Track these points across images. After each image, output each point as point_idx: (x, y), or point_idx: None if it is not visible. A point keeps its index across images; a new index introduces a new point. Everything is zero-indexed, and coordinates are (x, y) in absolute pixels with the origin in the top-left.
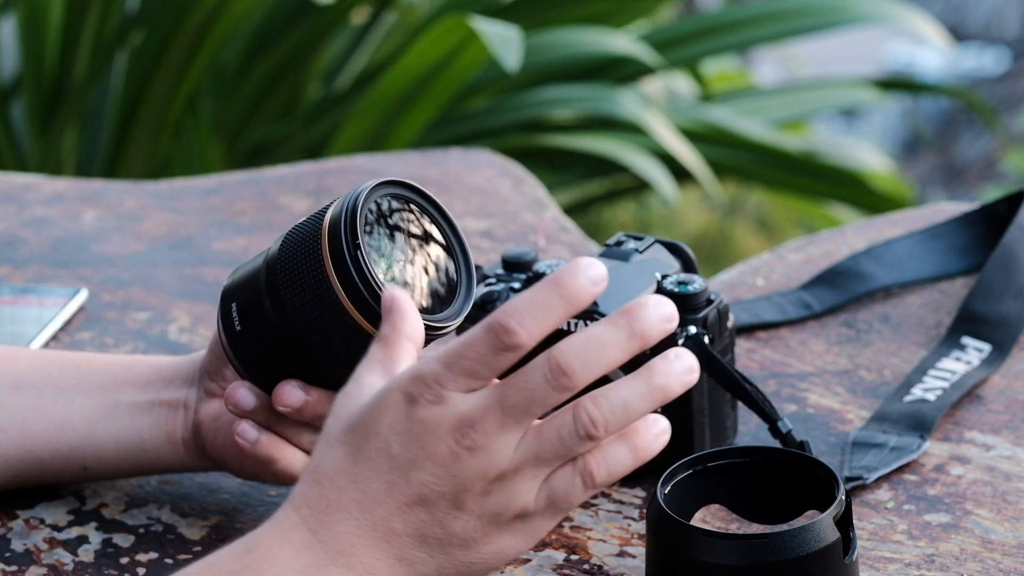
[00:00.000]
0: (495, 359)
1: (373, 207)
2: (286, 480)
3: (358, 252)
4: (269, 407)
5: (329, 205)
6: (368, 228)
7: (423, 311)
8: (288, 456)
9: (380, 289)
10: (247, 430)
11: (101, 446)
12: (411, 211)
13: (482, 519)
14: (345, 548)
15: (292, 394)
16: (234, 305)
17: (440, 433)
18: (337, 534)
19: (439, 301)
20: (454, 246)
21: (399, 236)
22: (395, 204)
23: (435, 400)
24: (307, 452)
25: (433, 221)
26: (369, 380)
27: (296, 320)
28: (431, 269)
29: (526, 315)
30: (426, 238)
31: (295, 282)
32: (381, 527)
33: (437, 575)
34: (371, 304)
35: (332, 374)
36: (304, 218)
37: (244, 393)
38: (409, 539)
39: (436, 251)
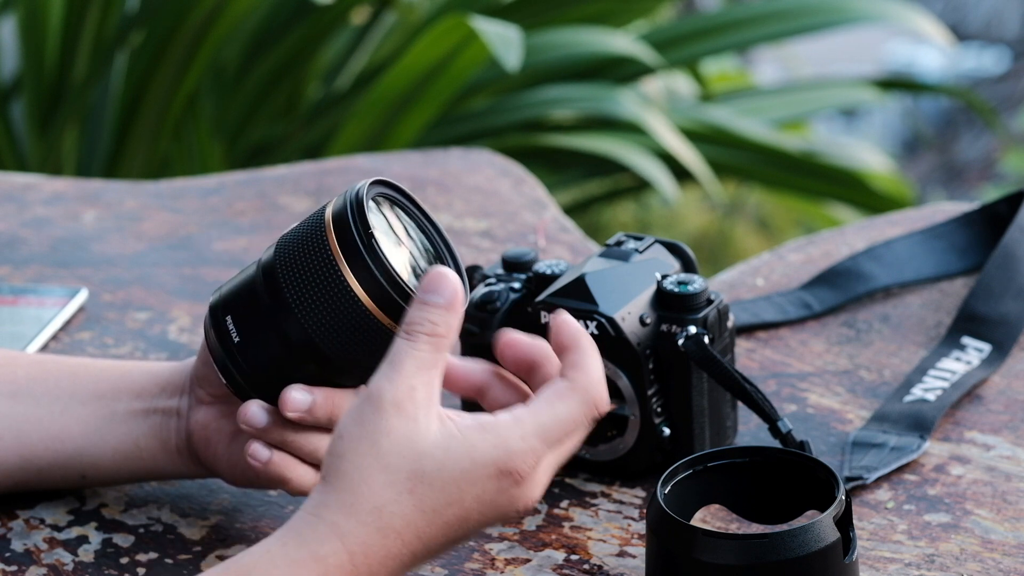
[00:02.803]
0: (586, 431)
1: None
2: (293, 493)
3: (372, 242)
4: (282, 423)
5: (324, 207)
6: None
7: None
8: (300, 475)
9: (397, 276)
10: (259, 450)
11: (98, 455)
12: (397, 209)
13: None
14: None
15: (298, 398)
16: (229, 318)
17: (518, 503)
18: None
19: None
20: (438, 242)
21: (388, 243)
22: (379, 211)
23: (530, 479)
24: (317, 463)
25: (414, 218)
26: (425, 404)
27: (305, 319)
28: (420, 271)
29: (604, 384)
30: (413, 235)
31: (301, 281)
32: (412, 565)
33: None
34: (388, 292)
35: (345, 368)
36: (295, 224)
37: (256, 410)
38: (421, 563)
39: (423, 246)
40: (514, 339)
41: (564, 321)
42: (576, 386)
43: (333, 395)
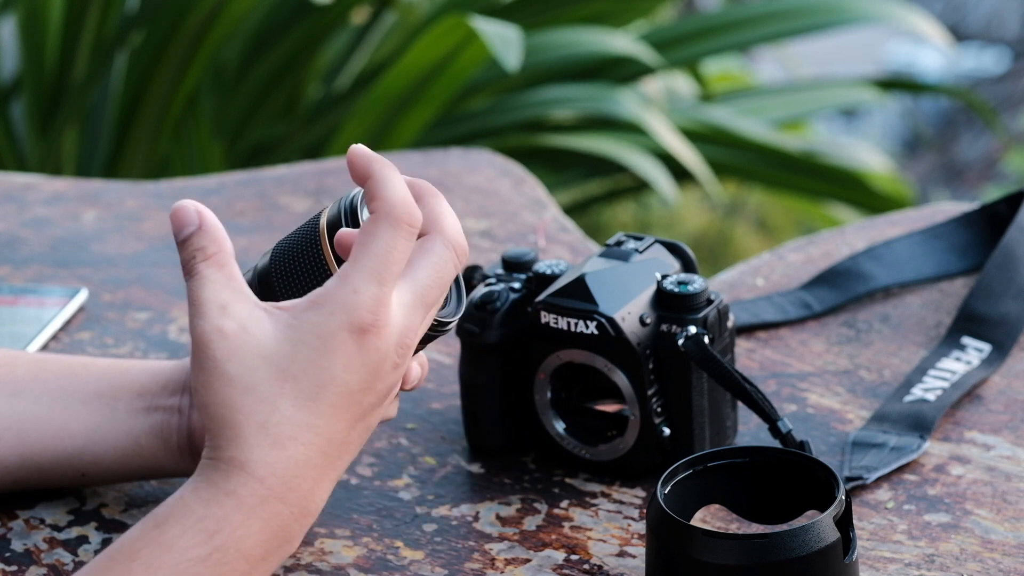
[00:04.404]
0: (408, 249)
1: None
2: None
3: None
4: None
5: (319, 213)
6: None
7: None
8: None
9: None
10: None
11: (99, 453)
12: None
13: (387, 400)
14: (307, 502)
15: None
16: None
17: (389, 353)
18: (303, 492)
19: None
20: None
21: None
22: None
23: (384, 322)
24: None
25: None
26: (245, 311)
27: None
28: None
29: (409, 200)
30: None
31: (296, 288)
32: (334, 462)
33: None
34: None
35: None
36: (291, 231)
37: None
38: (346, 456)
39: None
40: (346, 239)
41: (354, 156)
42: (378, 214)
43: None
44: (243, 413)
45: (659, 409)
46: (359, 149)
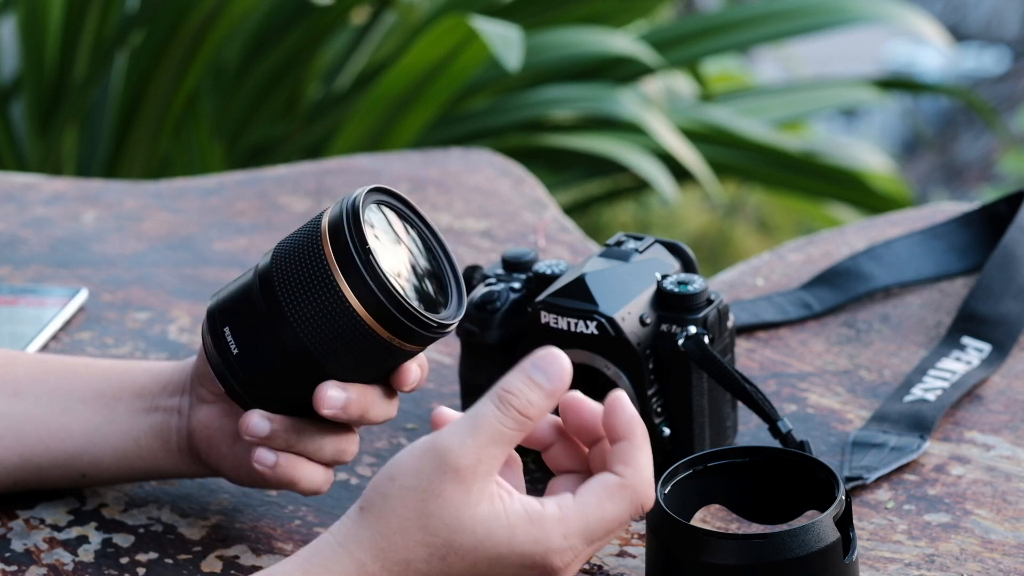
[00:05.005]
0: (628, 523)
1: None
2: (304, 493)
3: (368, 254)
4: (285, 429)
5: (321, 214)
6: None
7: (427, 309)
8: (308, 475)
9: (394, 289)
10: (264, 455)
11: (99, 454)
12: (395, 216)
13: None
14: None
15: (334, 396)
16: (227, 328)
17: None
18: None
19: (432, 301)
20: (436, 249)
21: (387, 240)
22: (379, 210)
23: (562, 570)
24: (327, 463)
25: (413, 225)
26: (484, 488)
27: (302, 330)
28: (420, 271)
29: (651, 482)
30: (411, 241)
31: (297, 290)
32: None
33: None
34: (384, 305)
35: (342, 378)
36: (293, 230)
37: (257, 421)
38: None
39: (420, 254)
40: (577, 403)
41: (621, 406)
42: (627, 484)
43: (366, 392)
44: (404, 540)
45: (659, 409)
46: (625, 402)
